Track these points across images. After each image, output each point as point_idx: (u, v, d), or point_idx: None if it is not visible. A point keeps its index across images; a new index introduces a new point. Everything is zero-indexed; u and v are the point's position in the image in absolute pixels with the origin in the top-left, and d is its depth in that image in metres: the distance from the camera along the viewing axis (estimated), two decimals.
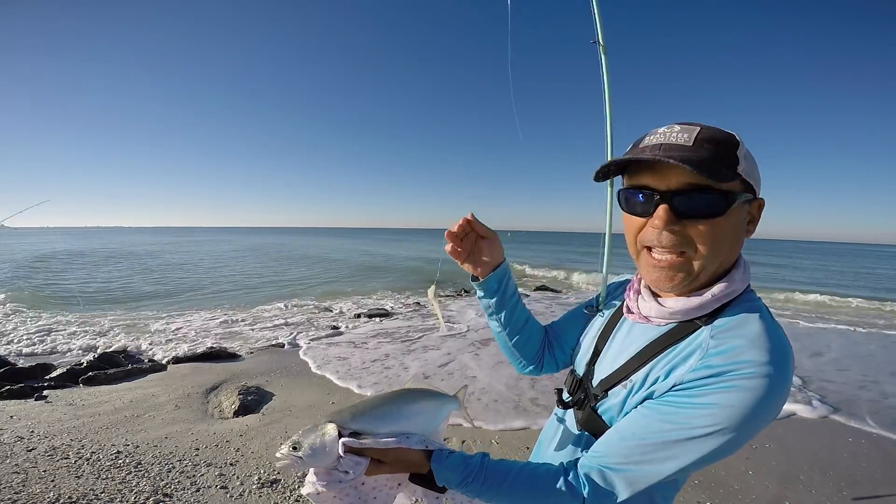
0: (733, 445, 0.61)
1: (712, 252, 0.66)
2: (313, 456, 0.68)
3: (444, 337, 6.47)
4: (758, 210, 0.70)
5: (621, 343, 0.81)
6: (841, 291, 13.52)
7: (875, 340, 7.07)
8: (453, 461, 0.72)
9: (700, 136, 0.65)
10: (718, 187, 0.63)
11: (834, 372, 5.14)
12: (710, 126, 0.67)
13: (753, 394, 0.58)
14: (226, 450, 3.01)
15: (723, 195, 0.64)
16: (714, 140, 0.65)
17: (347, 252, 31.05)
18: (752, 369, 0.59)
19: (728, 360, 0.62)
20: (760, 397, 0.58)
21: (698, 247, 0.66)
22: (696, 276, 0.68)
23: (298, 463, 0.68)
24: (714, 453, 0.61)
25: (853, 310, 10.39)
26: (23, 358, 5.53)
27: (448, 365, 5.16)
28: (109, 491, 2.43)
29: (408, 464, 0.73)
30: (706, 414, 0.60)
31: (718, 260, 0.67)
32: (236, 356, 5.56)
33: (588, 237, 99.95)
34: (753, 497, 2.58)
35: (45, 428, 3.26)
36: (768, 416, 0.60)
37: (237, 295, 11.53)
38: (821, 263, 31.28)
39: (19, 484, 2.44)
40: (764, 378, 0.59)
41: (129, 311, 9.04)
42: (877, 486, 2.73)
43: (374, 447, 0.71)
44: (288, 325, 7.49)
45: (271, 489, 2.54)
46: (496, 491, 0.70)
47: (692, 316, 0.70)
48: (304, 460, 0.68)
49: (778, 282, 16.92)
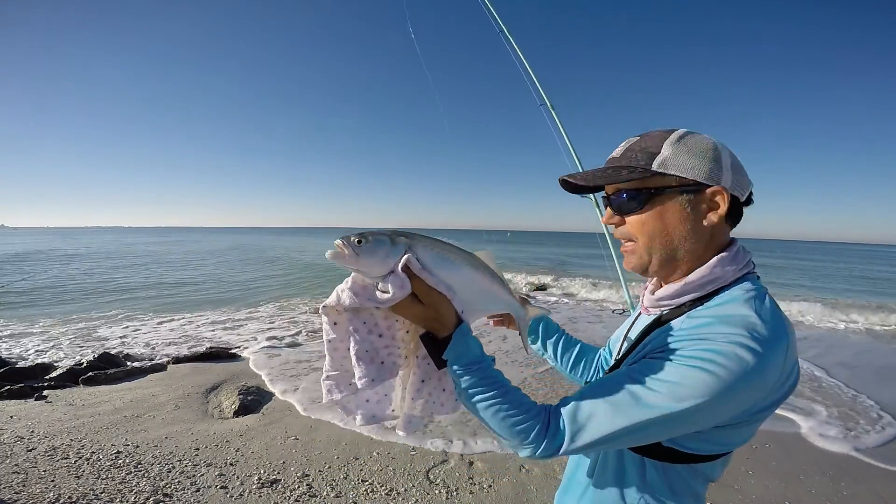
0: (685, 417, 0.61)
1: (649, 239, 0.74)
2: (371, 254, 0.64)
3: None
4: (711, 197, 0.70)
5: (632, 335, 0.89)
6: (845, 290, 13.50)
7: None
8: (474, 342, 0.72)
9: (631, 146, 0.75)
10: (638, 186, 0.73)
11: (837, 373, 5.14)
12: (657, 131, 0.75)
13: (708, 367, 0.60)
14: (226, 450, 3.02)
15: (640, 192, 0.73)
16: (639, 146, 0.74)
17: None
18: (709, 344, 0.62)
19: (690, 335, 0.65)
20: (712, 371, 0.60)
21: (638, 236, 0.76)
22: (649, 260, 0.76)
23: (349, 256, 0.63)
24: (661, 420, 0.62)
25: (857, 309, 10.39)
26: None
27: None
28: (109, 491, 2.43)
29: (439, 317, 0.70)
30: (656, 381, 0.63)
31: (663, 246, 0.74)
32: (236, 356, 5.56)
33: (587, 237, 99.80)
34: (753, 497, 2.58)
35: (45, 428, 3.26)
36: (721, 393, 0.59)
37: (236, 296, 11.54)
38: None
39: (19, 484, 2.44)
40: (719, 353, 0.60)
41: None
42: (877, 486, 2.73)
43: (427, 281, 0.68)
44: (289, 325, 7.50)
45: (271, 489, 2.54)
46: (484, 390, 0.69)
47: (674, 301, 0.75)
48: (358, 256, 0.63)
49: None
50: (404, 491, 2.56)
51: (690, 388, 0.60)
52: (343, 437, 3.27)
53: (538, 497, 2.53)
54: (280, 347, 6.02)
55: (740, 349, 0.60)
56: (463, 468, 2.84)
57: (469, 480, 2.69)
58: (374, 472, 2.76)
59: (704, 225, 0.71)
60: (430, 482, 2.67)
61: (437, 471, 2.80)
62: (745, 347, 0.60)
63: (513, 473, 2.77)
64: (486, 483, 2.66)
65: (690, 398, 0.60)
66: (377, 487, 2.59)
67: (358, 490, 2.56)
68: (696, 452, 0.70)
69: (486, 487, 2.62)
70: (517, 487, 2.62)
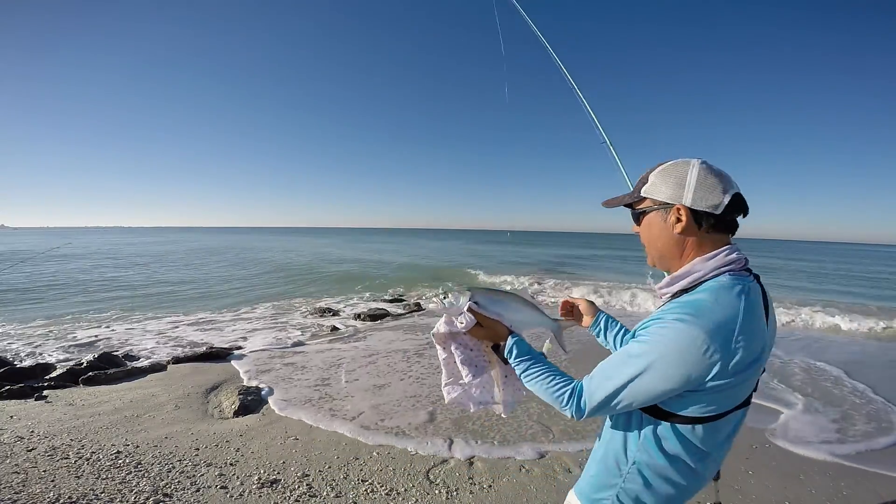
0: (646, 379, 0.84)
1: (647, 244, 1.02)
2: (450, 304, 1.14)
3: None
4: (676, 214, 0.92)
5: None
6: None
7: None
8: (522, 342, 1.11)
9: (641, 176, 1.01)
10: (636, 207, 1.01)
11: (831, 373, 5.15)
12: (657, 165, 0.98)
13: (661, 338, 0.83)
14: (226, 450, 3.02)
15: (637, 212, 1.02)
16: (641, 176, 1.01)
17: (343, 251, 31.05)
18: (665, 323, 0.83)
19: (656, 315, 0.88)
20: (663, 344, 0.82)
21: (643, 242, 1.03)
22: (651, 260, 1.03)
23: (440, 306, 1.15)
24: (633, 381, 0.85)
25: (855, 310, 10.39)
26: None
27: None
28: (109, 491, 2.43)
29: (495, 333, 1.15)
30: (628, 351, 0.88)
31: (656, 251, 0.99)
32: (237, 356, 5.56)
33: (586, 237, 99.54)
34: (753, 497, 2.58)
35: (45, 428, 3.26)
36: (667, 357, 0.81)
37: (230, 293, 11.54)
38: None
39: (19, 484, 2.44)
40: (671, 329, 0.82)
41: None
42: (877, 487, 2.73)
43: (483, 314, 1.15)
44: (290, 326, 7.50)
45: (271, 489, 2.54)
46: (533, 372, 1.03)
47: (666, 290, 0.97)
48: (444, 306, 1.15)
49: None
50: (404, 491, 2.56)
51: (640, 356, 0.85)
52: (343, 437, 3.27)
53: (538, 497, 2.53)
54: (280, 347, 6.03)
55: (679, 324, 0.81)
56: (463, 468, 2.84)
57: (469, 480, 2.69)
58: (374, 472, 2.76)
59: (676, 234, 0.93)
60: (430, 482, 2.67)
61: (437, 471, 2.80)
62: (682, 322, 0.81)
63: (513, 473, 2.78)
64: (486, 483, 2.66)
65: (643, 364, 0.84)
66: (377, 487, 2.59)
67: (358, 490, 2.56)
68: (671, 411, 0.89)
69: (486, 487, 2.62)
70: (517, 487, 2.62)
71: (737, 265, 0.90)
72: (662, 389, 0.84)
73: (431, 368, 5.00)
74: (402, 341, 6.32)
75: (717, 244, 0.92)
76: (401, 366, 5.12)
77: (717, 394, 0.85)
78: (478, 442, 3.19)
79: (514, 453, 3.04)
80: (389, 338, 6.55)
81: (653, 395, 0.86)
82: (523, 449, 3.09)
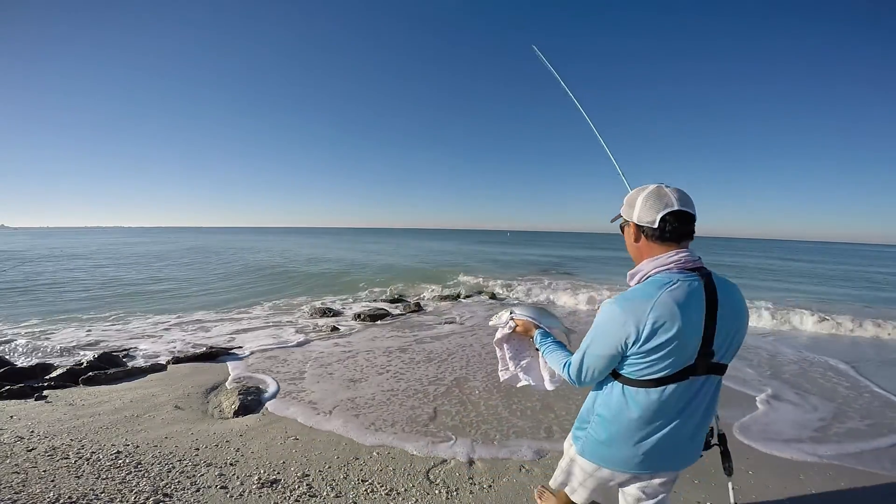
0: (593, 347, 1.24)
1: (628, 251, 1.34)
2: (497, 318, 1.83)
3: (445, 327, 6.47)
4: (630, 228, 1.30)
5: None
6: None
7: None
8: (546, 334, 1.62)
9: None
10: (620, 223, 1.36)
11: (843, 373, 5.14)
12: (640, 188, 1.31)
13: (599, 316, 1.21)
14: (226, 450, 3.01)
15: (620, 226, 1.36)
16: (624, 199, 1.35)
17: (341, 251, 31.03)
18: (604, 306, 1.20)
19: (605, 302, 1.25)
20: (599, 320, 1.22)
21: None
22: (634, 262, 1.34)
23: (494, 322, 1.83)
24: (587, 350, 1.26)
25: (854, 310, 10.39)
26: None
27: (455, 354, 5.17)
28: (109, 491, 2.43)
29: (529, 330, 1.69)
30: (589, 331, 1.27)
31: (631, 255, 1.33)
32: (236, 356, 5.56)
33: (587, 237, 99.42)
34: (753, 497, 2.58)
35: (45, 428, 3.26)
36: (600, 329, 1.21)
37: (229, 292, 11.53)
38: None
39: (19, 484, 2.44)
40: (604, 309, 1.20)
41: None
42: (878, 487, 2.73)
43: (520, 318, 1.74)
44: (291, 325, 7.49)
45: (271, 489, 2.54)
46: (547, 349, 1.54)
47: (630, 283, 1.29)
48: (494, 322, 1.83)
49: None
50: (404, 491, 2.56)
51: (590, 331, 1.25)
52: (343, 437, 3.27)
53: None
54: (280, 347, 6.02)
55: (609, 304, 1.19)
56: (463, 468, 2.84)
57: (469, 480, 2.69)
58: (374, 472, 2.76)
59: (633, 242, 1.30)
60: (430, 482, 2.67)
61: (437, 471, 2.80)
62: (611, 302, 1.19)
63: (513, 473, 2.78)
64: (486, 483, 2.66)
65: (591, 336, 1.25)
66: (377, 487, 2.59)
67: (358, 490, 2.56)
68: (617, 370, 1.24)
69: (486, 487, 2.62)
70: (517, 487, 2.62)
71: (677, 265, 1.16)
72: (603, 354, 1.21)
73: (431, 368, 5.01)
74: (402, 341, 6.32)
75: (664, 250, 1.21)
76: (400, 366, 5.12)
77: (642, 358, 1.15)
78: (478, 442, 3.19)
79: (514, 453, 3.04)
80: (390, 338, 6.56)
81: (601, 359, 1.22)
82: (523, 449, 3.09)
